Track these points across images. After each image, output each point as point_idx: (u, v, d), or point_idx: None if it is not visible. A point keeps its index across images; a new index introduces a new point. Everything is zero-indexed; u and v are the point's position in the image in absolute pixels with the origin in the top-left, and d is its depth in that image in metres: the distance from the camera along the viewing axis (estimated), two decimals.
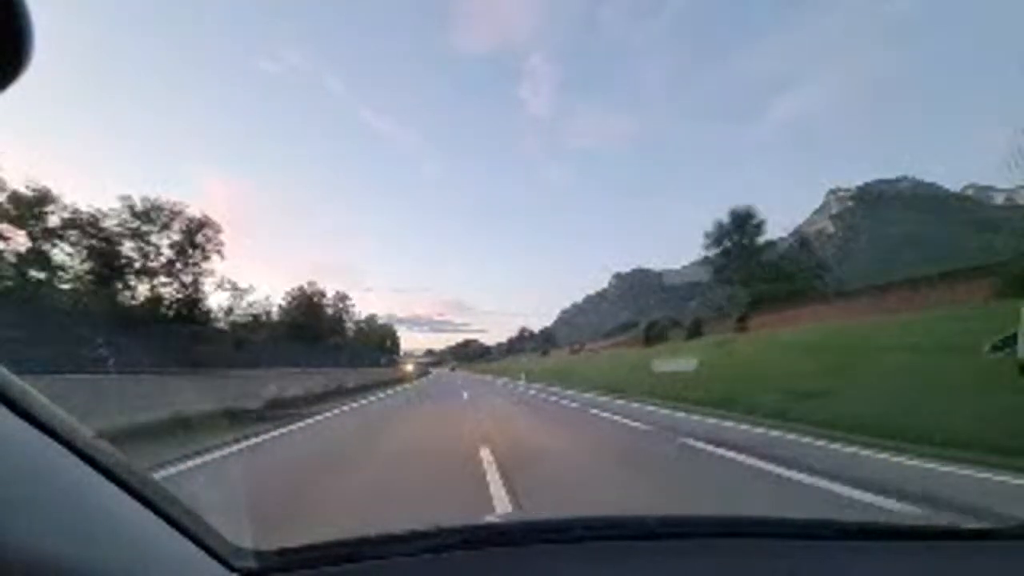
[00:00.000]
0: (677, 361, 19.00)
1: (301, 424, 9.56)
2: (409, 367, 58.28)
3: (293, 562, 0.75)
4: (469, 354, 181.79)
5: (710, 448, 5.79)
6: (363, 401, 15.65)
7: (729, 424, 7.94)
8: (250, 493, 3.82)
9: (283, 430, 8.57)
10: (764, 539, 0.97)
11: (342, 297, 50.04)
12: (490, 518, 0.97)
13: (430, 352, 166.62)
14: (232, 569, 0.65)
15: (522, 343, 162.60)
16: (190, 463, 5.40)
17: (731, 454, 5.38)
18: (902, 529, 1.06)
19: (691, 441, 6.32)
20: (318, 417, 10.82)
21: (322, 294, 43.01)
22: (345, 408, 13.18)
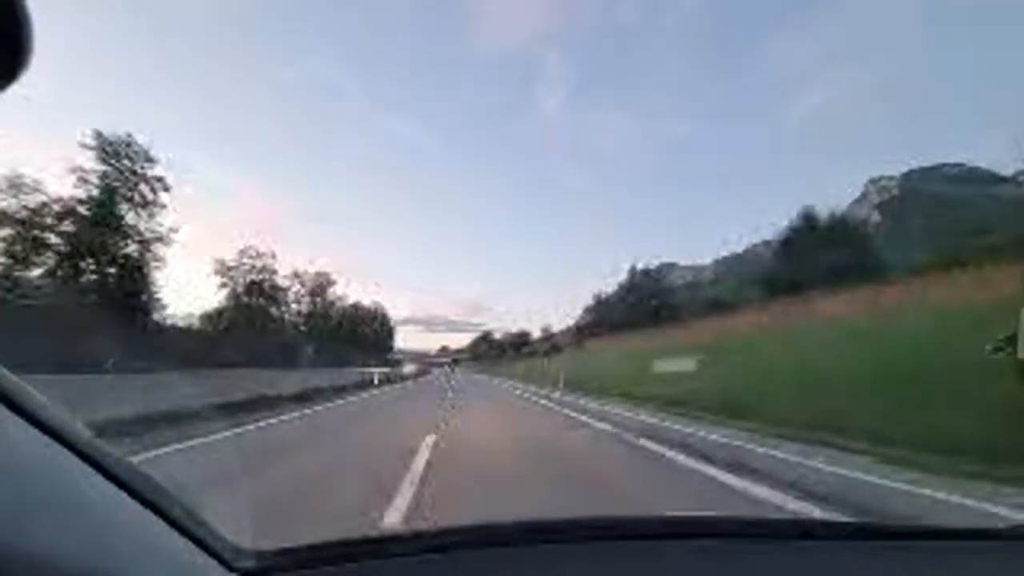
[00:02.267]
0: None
1: None
2: (409, 368, 51.99)
3: (293, 562, 0.77)
4: (486, 352, 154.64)
5: None
6: None
7: None
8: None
9: None
10: (764, 539, 0.99)
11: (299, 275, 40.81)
12: (491, 518, 0.99)
13: (444, 349, 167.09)
14: (232, 569, 0.67)
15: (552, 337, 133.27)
16: None
17: None
18: (902, 529, 1.07)
19: None
20: None
21: (260, 253, 34.32)
22: None
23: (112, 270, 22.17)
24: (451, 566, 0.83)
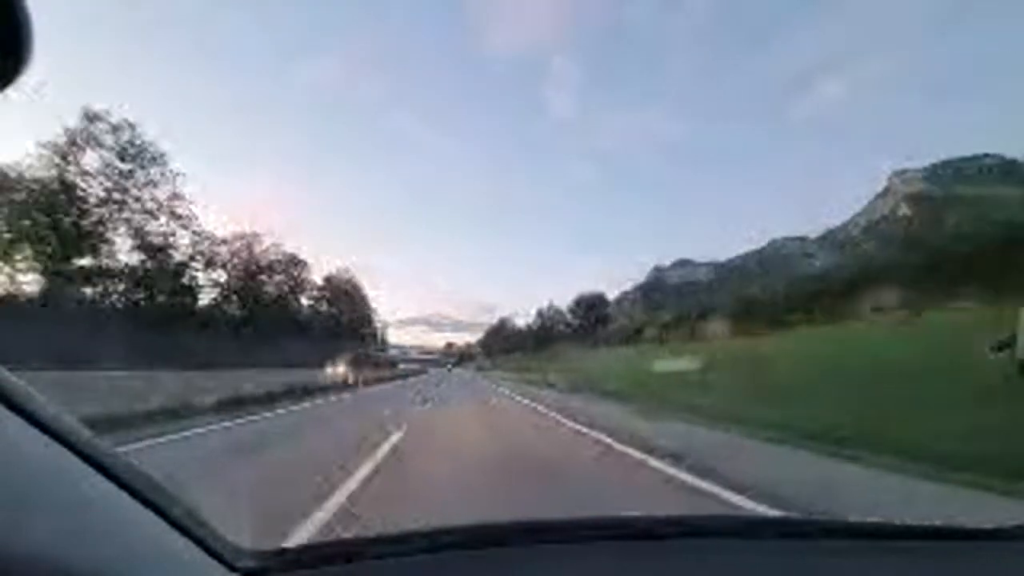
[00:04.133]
0: None
1: None
2: (332, 372, 30.62)
3: (293, 562, 0.79)
4: (503, 347, 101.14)
5: None
6: None
7: None
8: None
9: None
10: (764, 539, 1.01)
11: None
12: (490, 519, 1.01)
13: (449, 346, 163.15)
14: (232, 569, 0.68)
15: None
16: None
17: None
18: (903, 529, 1.08)
19: None
20: None
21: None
22: None
23: None
24: (450, 566, 0.85)
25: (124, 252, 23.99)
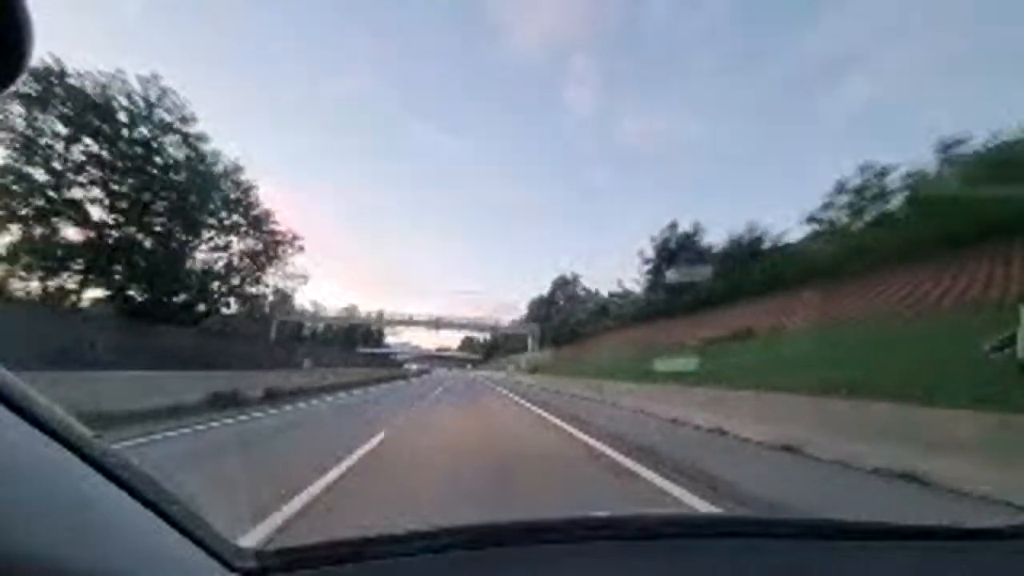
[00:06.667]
0: None
1: None
2: None
3: (293, 562, 0.81)
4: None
5: None
6: None
7: None
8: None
9: None
10: (764, 539, 1.03)
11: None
12: (491, 519, 1.03)
13: (468, 341, 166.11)
14: (232, 569, 0.71)
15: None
16: None
17: None
18: (902, 529, 1.09)
19: None
20: None
21: None
22: None
23: None
24: (451, 566, 0.87)
25: None
